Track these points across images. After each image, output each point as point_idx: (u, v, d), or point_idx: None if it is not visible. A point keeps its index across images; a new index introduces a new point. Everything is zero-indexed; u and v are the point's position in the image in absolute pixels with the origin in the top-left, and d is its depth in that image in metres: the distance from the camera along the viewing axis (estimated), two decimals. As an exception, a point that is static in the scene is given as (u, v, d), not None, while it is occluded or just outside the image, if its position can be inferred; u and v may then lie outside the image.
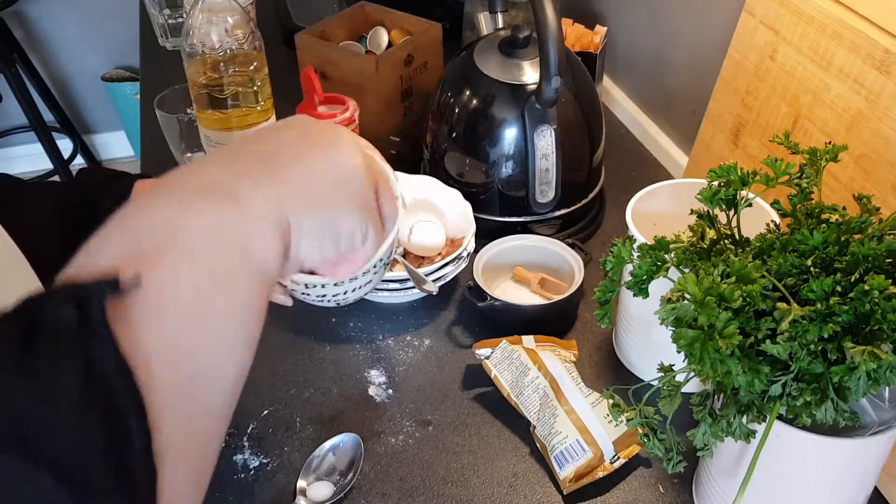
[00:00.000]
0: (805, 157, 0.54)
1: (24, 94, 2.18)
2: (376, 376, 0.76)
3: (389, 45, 1.14)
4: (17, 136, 2.49)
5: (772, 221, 0.56)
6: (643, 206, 0.70)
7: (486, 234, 0.85)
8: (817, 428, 0.49)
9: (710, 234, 0.54)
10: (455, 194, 0.86)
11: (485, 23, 0.99)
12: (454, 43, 1.15)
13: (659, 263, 0.51)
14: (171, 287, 0.30)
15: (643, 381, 0.73)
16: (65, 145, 2.43)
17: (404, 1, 1.18)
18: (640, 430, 0.53)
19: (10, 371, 0.26)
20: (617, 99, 1.21)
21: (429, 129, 0.93)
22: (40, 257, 0.43)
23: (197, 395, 0.30)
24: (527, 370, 0.69)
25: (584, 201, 0.91)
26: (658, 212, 0.71)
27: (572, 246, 0.84)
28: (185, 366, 0.30)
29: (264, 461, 0.68)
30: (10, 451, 0.24)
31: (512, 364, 0.70)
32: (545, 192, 0.87)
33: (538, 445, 0.68)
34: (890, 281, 0.44)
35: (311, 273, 0.42)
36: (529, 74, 0.84)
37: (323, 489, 0.65)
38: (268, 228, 0.34)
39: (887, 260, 0.47)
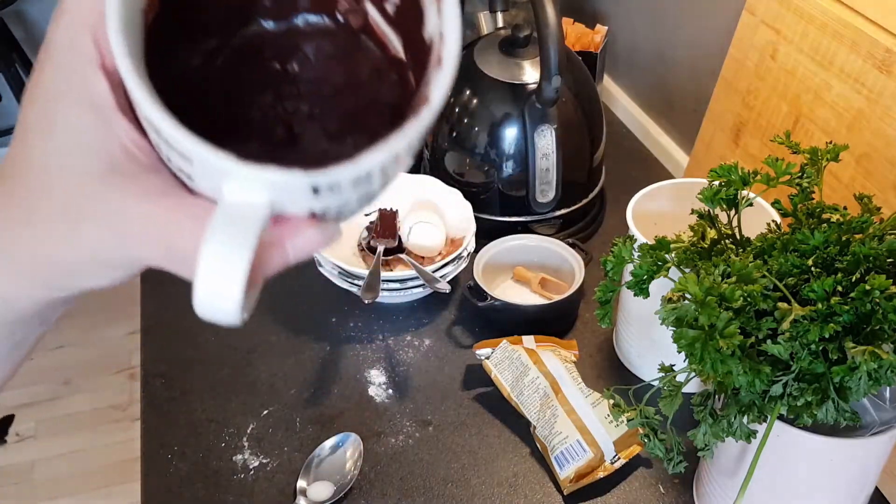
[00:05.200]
0: (806, 156, 0.54)
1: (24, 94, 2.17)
2: (376, 376, 0.76)
3: (389, 44, 1.14)
4: (17, 136, 2.49)
5: (773, 221, 0.56)
6: (644, 205, 0.70)
7: (486, 233, 0.85)
8: (818, 428, 0.49)
9: (711, 233, 0.54)
10: (455, 194, 0.86)
11: (485, 22, 0.99)
12: (454, 42, 1.15)
13: (659, 263, 0.51)
14: None
15: (644, 381, 0.73)
16: (64, 144, 2.43)
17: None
18: (641, 431, 0.53)
19: None
20: (617, 98, 1.21)
21: (429, 129, 0.92)
22: None
23: None
24: (527, 370, 0.69)
25: (584, 201, 0.91)
26: (659, 211, 0.71)
27: (573, 246, 0.83)
28: None
29: (264, 461, 0.68)
30: None
31: (512, 364, 0.70)
32: (545, 191, 0.87)
33: (538, 446, 0.68)
34: (891, 281, 0.43)
35: None
36: (530, 74, 0.84)
37: (323, 489, 0.65)
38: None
39: (888, 260, 0.46)
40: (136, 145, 0.25)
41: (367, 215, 0.85)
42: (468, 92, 0.87)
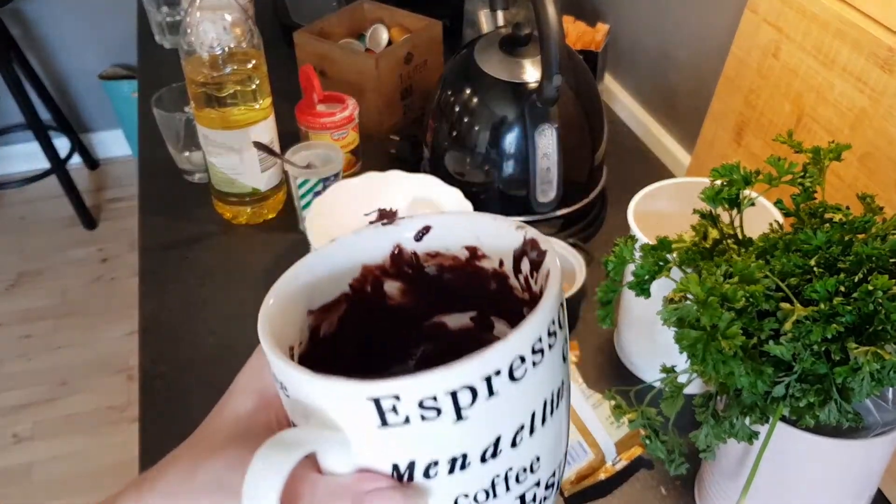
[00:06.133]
0: (808, 155, 0.54)
1: (21, 93, 2.17)
2: (376, 376, 0.75)
3: (389, 42, 1.14)
4: (14, 136, 2.49)
5: (775, 221, 0.55)
6: (645, 205, 0.70)
7: (486, 233, 0.84)
8: (821, 429, 0.49)
9: (713, 233, 0.54)
10: (456, 193, 0.85)
11: (485, 20, 0.99)
12: (454, 41, 1.15)
13: (661, 263, 0.50)
14: None
15: (645, 382, 0.72)
16: (62, 144, 2.43)
17: (404, -1, 1.17)
18: (643, 432, 0.52)
19: None
20: (619, 97, 1.21)
21: (429, 128, 0.92)
22: None
23: None
24: (527, 370, 0.69)
25: (585, 201, 0.90)
26: (660, 211, 0.71)
27: (574, 246, 0.83)
28: None
29: (263, 462, 0.68)
30: None
31: (512, 364, 0.70)
32: (546, 191, 0.86)
33: (539, 446, 0.67)
34: (894, 281, 0.43)
35: None
36: (530, 73, 0.84)
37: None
38: None
39: (891, 260, 0.46)
40: (278, 419, 0.32)
41: (366, 215, 0.85)
42: (468, 91, 0.87)
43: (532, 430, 0.27)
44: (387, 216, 0.33)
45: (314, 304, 0.33)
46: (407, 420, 0.25)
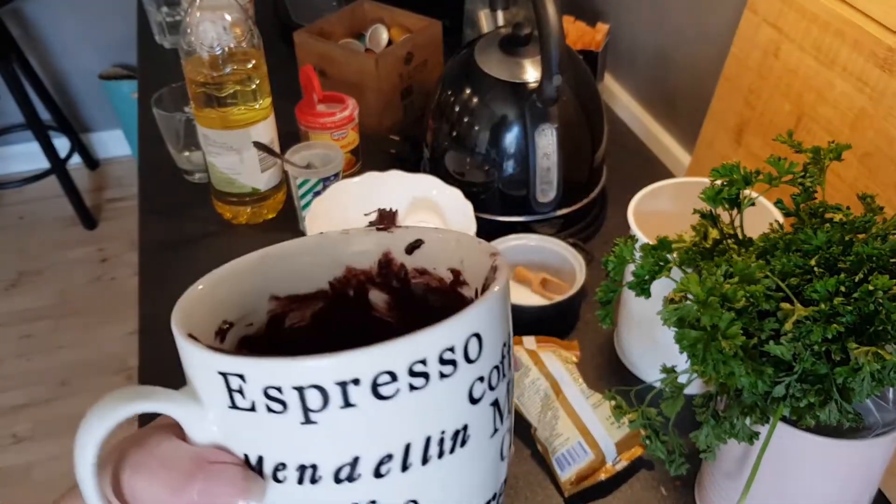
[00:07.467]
0: (808, 155, 0.54)
1: (21, 93, 2.17)
2: (376, 376, 0.75)
3: (389, 42, 1.14)
4: (14, 135, 2.49)
5: (775, 221, 0.55)
6: (645, 205, 0.70)
7: (486, 233, 0.85)
8: (821, 429, 0.49)
9: (713, 233, 0.54)
10: (456, 193, 0.85)
11: (485, 20, 0.99)
12: (454, 41, 1.15)
13: (661, 263, 0.50)
14: None
15: (645, 382, 0.72)
16: (62, 144, 2.43)
17: (404, -1, 1.17)
18: (643, 432, 0.52)
19: None
20: (619, 97, 1.21)
21: (429, 128, 0.92)
22: None
23: None
24: (527, 371, 0.69)
25: (585, 201, 0.90)
26: (660, 211, 0.71)
27: (574, 246, 0.83)
28: None
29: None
30: None
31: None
32: (546, 191, 0.86)
33: (539, 447, 0.67)
34: (894, 281, 0.43)
35: None
36: (530, 73, 0.84)
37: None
38: None
39: (891, 260, 0.46)
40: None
41: (366, 215, 0.85)
42: (468, 91, 0.87)
43: (406, 466, 0.24)
44: (386, 217, 0.33)
45: (280, 291, 0.31)
46: (253, 407, 0.23)
